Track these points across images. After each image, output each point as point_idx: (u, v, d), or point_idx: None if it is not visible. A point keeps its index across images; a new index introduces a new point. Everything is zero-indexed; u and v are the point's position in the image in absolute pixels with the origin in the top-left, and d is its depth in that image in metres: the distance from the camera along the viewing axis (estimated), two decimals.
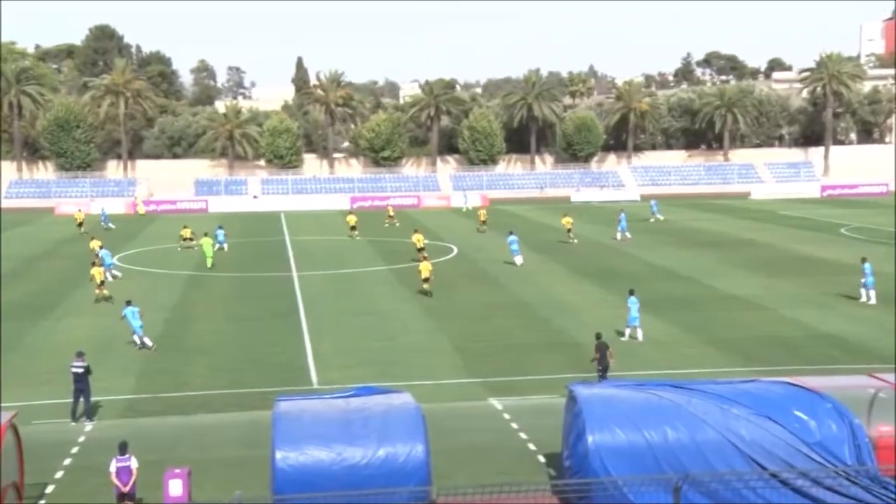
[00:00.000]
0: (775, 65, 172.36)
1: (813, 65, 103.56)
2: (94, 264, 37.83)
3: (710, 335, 29.07)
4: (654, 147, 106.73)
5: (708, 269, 42.00)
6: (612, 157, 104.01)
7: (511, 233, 47.02)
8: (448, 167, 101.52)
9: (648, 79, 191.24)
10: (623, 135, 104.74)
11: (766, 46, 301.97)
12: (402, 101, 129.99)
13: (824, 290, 36.17)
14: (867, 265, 34.26)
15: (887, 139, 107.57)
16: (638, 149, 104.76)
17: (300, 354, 27.37)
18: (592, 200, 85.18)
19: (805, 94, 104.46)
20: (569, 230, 52.66)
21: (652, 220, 62.66)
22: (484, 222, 60.57)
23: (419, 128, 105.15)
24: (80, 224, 61.76)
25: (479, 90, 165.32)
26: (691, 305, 33.73)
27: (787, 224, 60.49)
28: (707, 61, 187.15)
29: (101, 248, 43.71)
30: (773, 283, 37.96)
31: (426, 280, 36.46)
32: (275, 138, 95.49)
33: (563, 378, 23.28)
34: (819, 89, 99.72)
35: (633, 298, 28.51)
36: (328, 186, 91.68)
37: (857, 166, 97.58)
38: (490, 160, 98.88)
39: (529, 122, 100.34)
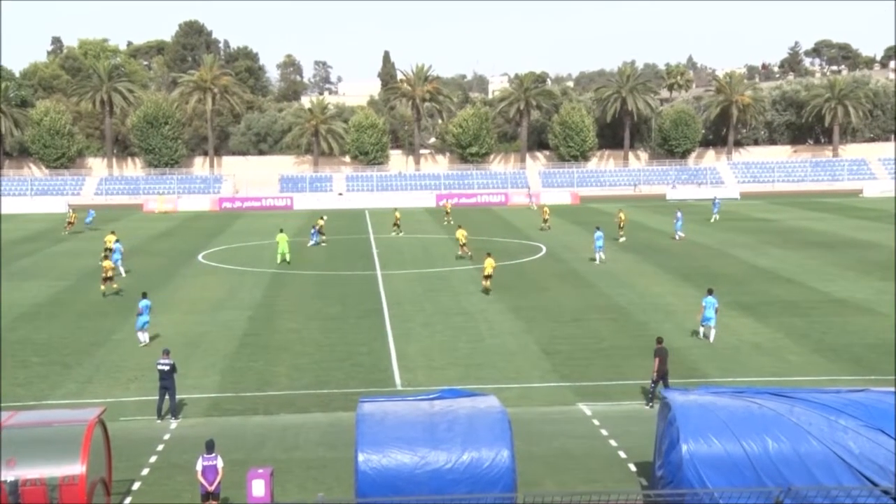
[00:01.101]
0: (893, 53, 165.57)
1: None
2: (105, 258, 39.10)
3: (817, 341, 28.20)
4: (756, 142, 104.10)
5: (815, 271, 40.73)
6: (710, 153, 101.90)
7: (598, 228, 46.90)
8: (537, 163, 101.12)
9: (751, 70, 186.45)
10: (723, 129, 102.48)
11: (882, 33, 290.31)
12: (490, 96, 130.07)
13: None
14: None
15: None
16: (739, 144, 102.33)
17: (384, 355, 27.68)
18: (689, 198, 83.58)
19: None
20: (620, 227, 52.20)
21: (711, 219, 61.11)
22: (546, 220, 60.73)
23: (508, 123, 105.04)
24: (71, 223, 61.23)
25: (570, 84, 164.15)
26: (797, 309, 32.77)
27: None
28: (817, 51, 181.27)
29: (115, 241, 44.35)
30: (887, 287, 36.53)
31: (488, 277, 36.46)
32: (360, 134, 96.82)
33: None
34: None
35: (710, 298, 28.61)
36: (414, 183, 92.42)
37: None
38: (581, 156, 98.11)
39: (623, 117, 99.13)
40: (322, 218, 56.74)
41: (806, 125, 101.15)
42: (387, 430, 15.15)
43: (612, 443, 19.77)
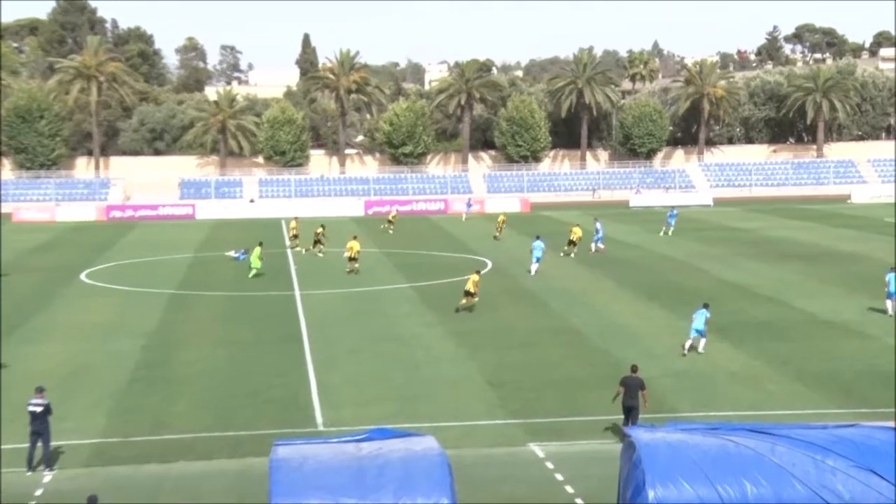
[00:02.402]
0: (882, 40, 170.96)
1: None
2: None
3: (800, 368, 28.77)
4: (731, 140, 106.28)
5: (797, 288, 41.60)
6: (679, 153, 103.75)
7: (538, 237, 48.16)
8: (482, 165, 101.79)
9: (725, 58, 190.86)
10: (693, 126, 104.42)
11: (871, 18, 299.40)
12: (427, 87, 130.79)
13: None
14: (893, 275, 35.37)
15: None
16: (711, 143, 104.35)
17: (303, 389, 27.47)
18: (655, 205, 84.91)
19: None
20: (573, 242, 52.58)
21: (661, 233, 61.61)
22: (390, 222, 62.23)
23: (448, 118, 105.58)
24: None
25: (519, 73, 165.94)
26: (777, 332, 33.39)
27: (891, 233, 59.78)
28: (798, 36, 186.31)
29: None
30: (878, 306, 37.47)
31: (470, 294, 37.05)
32: (275, 131, 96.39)
33: (620, 420, 23.12)
34: None
35: (702, 310, 30.44)
36: (339, 188, 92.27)
37: None
38: (532, 157, 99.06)
39: (580, 112, 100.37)
40: (322, 226, 57.20)
41: (787, 121, 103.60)
42: (306, 478, 14.99)
43: (569, 489, 19.86)
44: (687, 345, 30.43)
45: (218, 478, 20.90)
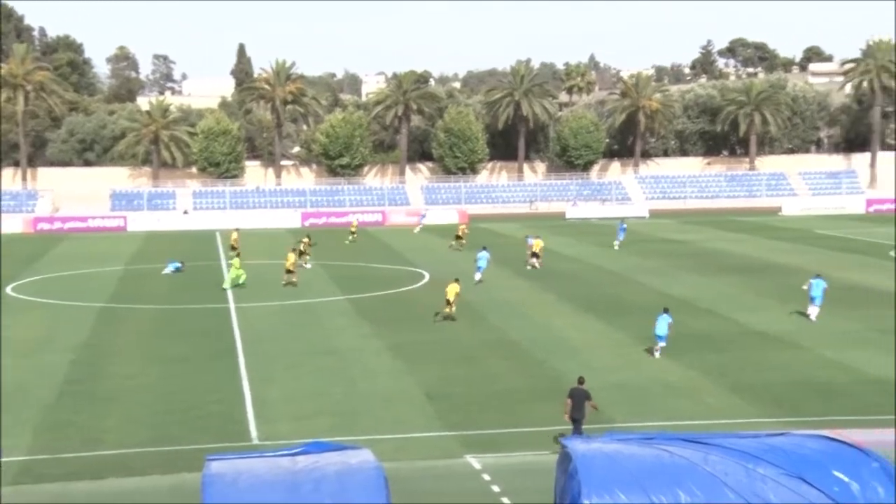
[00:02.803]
0: (812, 55, 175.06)
1: (857, 55, 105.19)
2: None
3: (735, 379, 29.27)
4: (666, 153, 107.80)
5: (731, 300, 42.32)
6: (615, 166, 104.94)
7: (484, 248, 49.23)
8: (419, 177, 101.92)
9: (660, 71, 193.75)
10: (629, 138, 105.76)
11: (801, 33, 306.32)
12: (364, 98, 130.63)
13: (871, 325, 36.57)
14: (818, 280, 37.93)
15: None
16: (647, 155, 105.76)
17: (238, 403, 27.24)
18: (592, 217, 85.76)
19: (848, 89, 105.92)
20: (536, 254, 52.99)
21: (615, 245, 61.81)
22: (459, 237, 62.42)
23: (385, 130, 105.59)
24: None
25: (457, 85, 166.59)
26: (712, 344, 33.93)
27: (826, 245, 61.13)
28: (731, 50, 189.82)
29: None
30: (811, 317, 38.28)
31: (449, 303, 37.76)
32: (210, 142, 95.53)
33: (557, 431, 23.32)
34: (864, 84, 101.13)
35: (664, 315, 31.90)
36: (274, 200, 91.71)
37: None
38: (470, 168, 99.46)
39: (517, 124, 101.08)
40: (308, 237, 57.94)
41: (720, 134, 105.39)
42: (240, 494, 14.88)
43: (505, 500, 19.97)
44: (656, 351, 31.75)
45: (151, 494, 20.64)
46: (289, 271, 47.48)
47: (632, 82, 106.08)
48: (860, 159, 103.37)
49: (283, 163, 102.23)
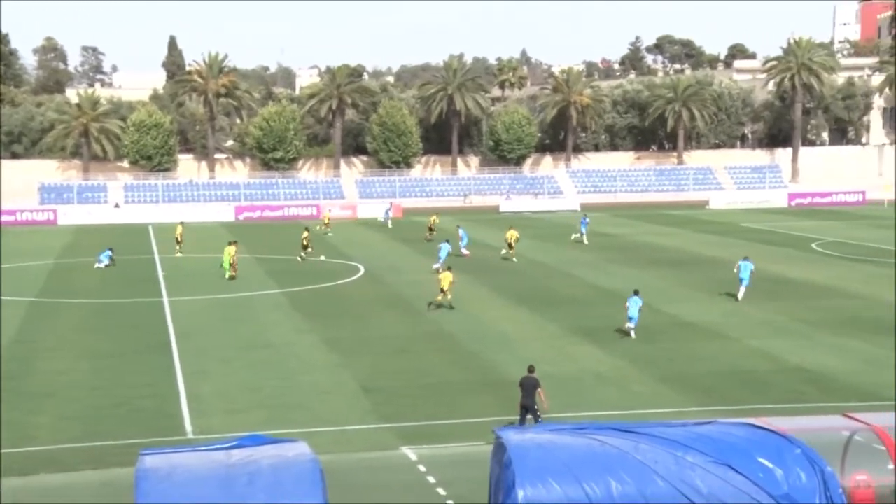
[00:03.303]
0: (737, 52, 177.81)
1: (780, 52, 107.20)
2: None
3: (664, 369, 29.70)
4: (597, 147, 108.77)
5: (660, 292, 42.90)
6: (547, 160, 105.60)
7: (447, 241, 50.70)
8: (354, 171, 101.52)
9: (590, 67, 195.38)
10: (561, 133, 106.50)
11: (726, 31, 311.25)
12: (298, 92, 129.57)
13: (795, 315, 37.36)
14: (746, 262, 40.88)
15: (864, 139, 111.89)
16: (578, 150, 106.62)
17: (172, 398, 26.94)
18: (525, 210, 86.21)
19: (771, 86, 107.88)
20: (511, 245, 53.72)
21: (575, 236, 62.06)
22: (432, 229, 63.07)
23: (319, 123, 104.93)
24: None
25: (390, 79, 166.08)
26: (641, 335, 34.36)
27: (751, 238, 62.24)
28: (658, 47, 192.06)
29: None
30: (736, 309, 39.01)
31: (443, 291, 38.35)
32: (142, 135, 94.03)
33: (491, 422, 23.43)
34: (787, 81, 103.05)
35: (634, 297, 33.61)
36: (208, 193, 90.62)
37: (829, 171, 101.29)
38: (404, 162, 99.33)
39: (451, 118, 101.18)
40: (307, 229, 57.68)
41: (649, 129, 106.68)
42: (174, 488, 14.70)
43: (441, 491, 20.03)
44: (631, 332, 33.45)
45: (82, 489, 20.31)
46: (231, 265, 47.05)
47: (563, 78, 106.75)
48: (783, 154, 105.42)
49: (217, 156, 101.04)
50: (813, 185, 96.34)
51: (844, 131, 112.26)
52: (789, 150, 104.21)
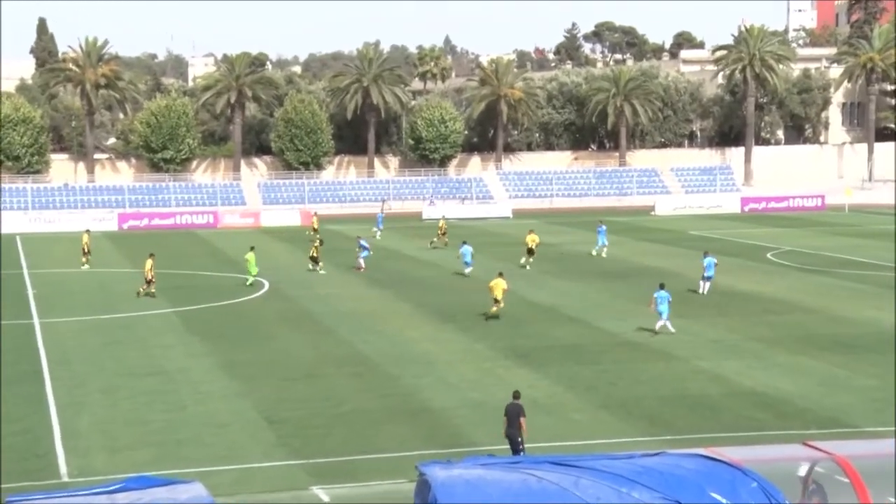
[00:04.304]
0: (683, 41, 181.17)
1: (730, 41, 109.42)
2: None
3: (606, 394, 29.97)
4: (530, 147, 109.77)
5: (602, 307, 43.33)
6: (475, 161, 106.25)
7: (465, 242, 53.58)
8: (256, 173, 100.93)
9: (522, 57, 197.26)
10: (490, 131, 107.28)
11: (672, 17, 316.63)
12: (191, 83, 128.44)
13: (748, 333, 38.04)
14: (709, 259, 45.83)
15: (822, 138, 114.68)
16: (510, 149, 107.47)
17: (44, 435, 26.41)
18: (450, 217, 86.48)
19: (720, 79, 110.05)
20: (531, 250, 55.16)
21: (596, 249, 60.19)
22: (444, 233, 64.46)
23: (216, 119, 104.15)
24: None
25: (297, 69, 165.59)
26: (581, 355, 34.66)
27: (700, 247, 63.04)
28: (597, 35, 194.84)
29: None
30: (685, 326, 39.55)
31: (497, 301, 39.99)
32: (8, 132, 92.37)
33: (414, 456, 23.39)
34: (738, 73, 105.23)
35: (662, 293, 37.13)
36: (87, 199, 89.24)
37: (785, 172, 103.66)
38: (314, 164, 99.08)
39: (366, 113, 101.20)
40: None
41: (589, 126, 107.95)
42: None
43: None
44: (658, 326, 37.11)
45: None
46: (148, 282, 46.43)
47: (491, 68, 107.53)
48: (735, 154, 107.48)
49: (97, 156, 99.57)
50: (768, 189, 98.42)
51: (801, 129, 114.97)
52: (741, 149, 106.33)
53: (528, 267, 54.00)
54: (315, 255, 54.34)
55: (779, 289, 47.49)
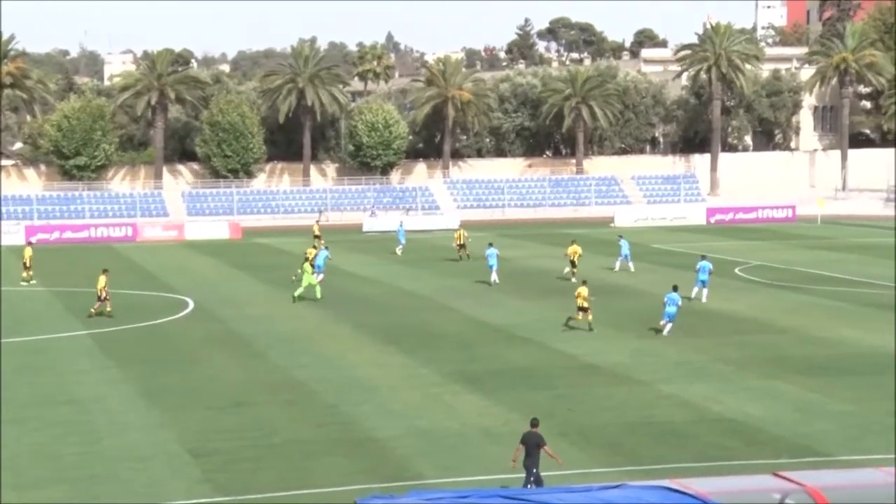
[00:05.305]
0: (645, 39, 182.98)
1: (694, 40, 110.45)
2: None
3: (564, 421, 30.04)
4: (480, 153, 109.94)
5: (556, 328, 43.40)
6: (421, 168, 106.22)
7: (490, 244, 56.42)
8: (180, 181, 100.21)
9: (471, 55, 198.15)
10: (437, 136, 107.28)
11: (632, 13, 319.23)
12: (108, 82, 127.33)
13: (716, 354, 38.35)
14: (703, 263, 48.90)
15: (792, 144, 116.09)
16: (458, 156, 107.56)
17: None
18: (393, 230, 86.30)
19: (685, 80, 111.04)
20: (573, 262, 56.11)
21: (620, 261, 59.79)
22: (463, 246, 64.90)
23: (135, 123, 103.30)
24: None
25: (225, 68, 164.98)
26: (537, 379, 34.72)
27: (663, 262, 63.62)
28: (552, 32, 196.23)
29: None
30: (648, 347, 39.82)
31: (584, 309, 41.86)
32: None
33: (354, 491, 23.33)
34: (703, 74, 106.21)
35: (672, 295, 41.21)
36: None
37: (754, 181, 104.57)
38: (244, 171, 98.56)
39: (302, 116, 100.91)
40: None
41: (543, 131, 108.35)
42: None
43: None
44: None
45: None
46: (101, 299, 45.98)
47: (438, 68, 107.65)
48: (700, 161, 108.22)
49: (2, 163, 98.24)
50: (735, 199, 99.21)
51: (770, 134, 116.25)
52: (707, 156, 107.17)
53: (573, 279, 53.68)
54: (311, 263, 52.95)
55: (748, 307, 47.93)
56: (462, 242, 65.48)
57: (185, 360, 37.83)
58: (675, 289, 41.59)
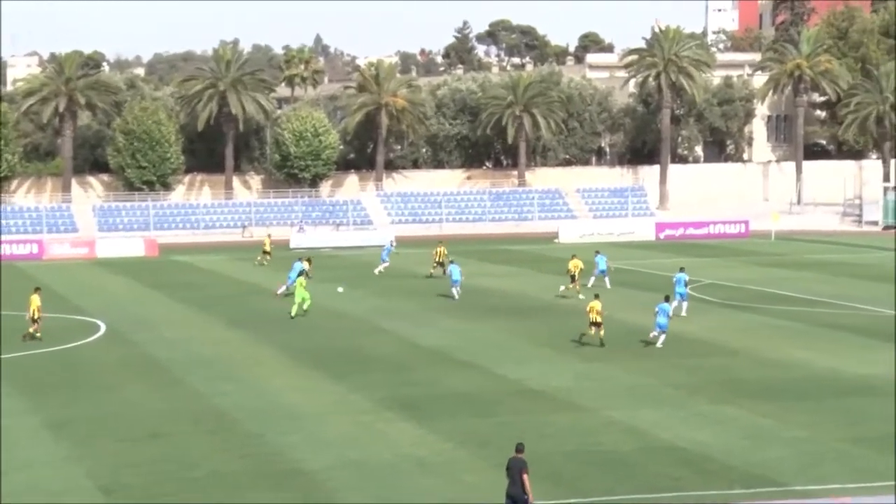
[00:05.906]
0: (590, 43, 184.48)
1: (642, 44, 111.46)
2: None
3: (503, 451, 30.02)
4: (416, 164, 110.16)
5: (499, 350, 43.56)
6: (353, 180, 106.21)
7: (452, 260, 58.86)
8: (91, 194, 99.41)
9: (406, 60, 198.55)
10: (369, 145, 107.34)
11: (576, 16, 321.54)
12: (12, 87, 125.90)
13: (665, 378, 38.62)
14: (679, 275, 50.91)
15: (745, 155, 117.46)
16: (392, 167, 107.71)
17: None
18: (323, 246, 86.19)
19: (632, 86, 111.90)
20: (573, 277, 56.75)
21: (591, 282, 59.75)
22: (441, 264, 64.20)
23: (41, 131, 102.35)
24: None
25: (140, 72, 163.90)
26: (475, 406, 34.78)
27: (611, 281, 64.07)
28: (492, 35, 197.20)
29: None
30: (592, 370, 40.03)
31: (596, 324, 43.04)
32: None
33: None
34: (651, 80, 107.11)
35: (664, 305, 43.19)
36: None
37: (705, 194, 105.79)
38: (160, 183, 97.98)
39: (224, 124, 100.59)
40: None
41: (483, 140, 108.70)
42: None
43: None
44: (654, 337, 42.94)
45: None
46: (35, 320, 45.41)
47: (370, 73, 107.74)
48: (648, 173, 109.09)
49: None
50: (685, 213, 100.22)
51: (722, 145, 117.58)
52: (656, 167, 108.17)
53: (581, 296, 53.97)
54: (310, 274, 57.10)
55: (699, 328, 48.33)
56: (440, 260, 64.74)
57: (96, 388, 37.47)
58: (666, 299, 44.10)
